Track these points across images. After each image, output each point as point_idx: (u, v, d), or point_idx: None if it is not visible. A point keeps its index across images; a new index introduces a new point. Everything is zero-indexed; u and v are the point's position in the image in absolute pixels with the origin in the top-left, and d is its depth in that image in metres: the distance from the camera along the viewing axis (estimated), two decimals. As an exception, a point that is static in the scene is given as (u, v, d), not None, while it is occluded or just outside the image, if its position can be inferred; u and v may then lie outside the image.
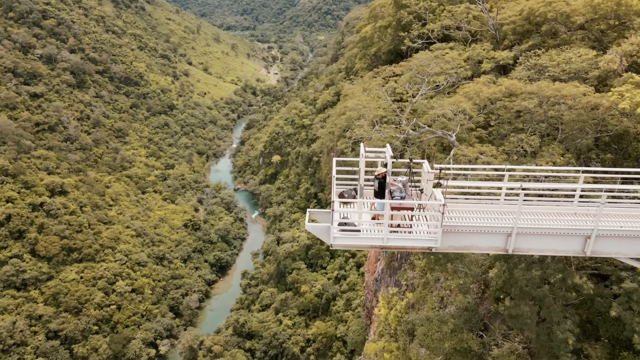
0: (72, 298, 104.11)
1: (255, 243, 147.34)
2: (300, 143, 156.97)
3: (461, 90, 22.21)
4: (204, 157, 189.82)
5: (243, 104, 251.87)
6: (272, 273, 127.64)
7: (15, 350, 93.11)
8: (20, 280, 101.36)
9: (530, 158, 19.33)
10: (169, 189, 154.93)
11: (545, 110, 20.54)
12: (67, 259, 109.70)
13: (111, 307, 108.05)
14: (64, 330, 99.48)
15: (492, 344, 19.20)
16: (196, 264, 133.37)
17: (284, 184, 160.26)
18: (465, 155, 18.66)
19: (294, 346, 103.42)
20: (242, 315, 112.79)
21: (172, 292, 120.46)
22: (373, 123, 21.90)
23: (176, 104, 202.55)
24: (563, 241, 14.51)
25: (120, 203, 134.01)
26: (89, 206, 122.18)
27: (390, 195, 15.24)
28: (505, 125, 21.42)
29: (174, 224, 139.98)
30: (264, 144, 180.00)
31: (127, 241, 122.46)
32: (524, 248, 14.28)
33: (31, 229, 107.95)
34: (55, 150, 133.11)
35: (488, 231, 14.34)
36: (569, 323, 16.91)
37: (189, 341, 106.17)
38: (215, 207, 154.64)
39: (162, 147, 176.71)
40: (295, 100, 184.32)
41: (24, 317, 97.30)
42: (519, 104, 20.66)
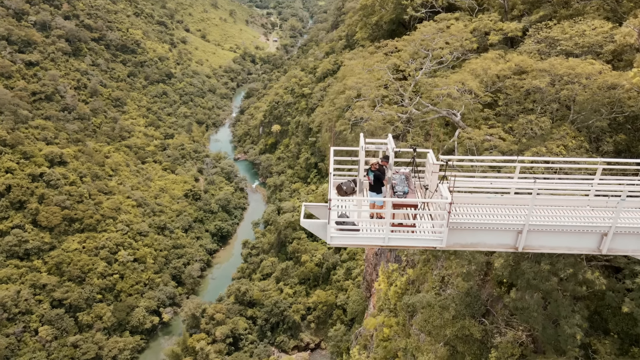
0: (75, 267, 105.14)
1: (256, 213, 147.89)
2: (300, 112, 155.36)
3: (467, 65, 21.12)
4: (203, 127, 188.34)
5: (242, 72, 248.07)
6: (272, 242, 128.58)
7: (21, 319, 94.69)
8: (23, 250, 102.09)
9: (540, 140, 18.27)
10: (169, 159, 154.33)
11: (558, 89, 19.35)
12: (69, 229, 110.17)
13: (114, 276, 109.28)
14: (68, 298, 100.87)
15: (494, 331, 18.93)
16: (197, 233, 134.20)
17: (284, 153, 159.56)
18: (471, 138, 17.92)
19: (294, 314, 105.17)
20: (244, 284, 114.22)
21: (174, 262, 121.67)
22: (374, 103, 20.89)
23: (174, 72, 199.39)
24: (577, 238, 13.69)
25: (120, 173, 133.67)
26: (89, 176, 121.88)
27: (392, 190, 14.29)
28: (514, 105, 20.25)
29: (175, 194, 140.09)
30: (263, 114, 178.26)
31: (128, 211, 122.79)
32: (535, 245, 13.51)
33: (32, 200, 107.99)
34: (53, 120, 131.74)
35: (497, 228, 13.50)
36: (578, 317, 16.34)
37: (192, 309, 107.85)
38: (216, 177, 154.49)
39: (161, 117, 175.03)
40: (295, 69, 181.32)
41: (28, 286, 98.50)
42: (530, 82, 19.46)
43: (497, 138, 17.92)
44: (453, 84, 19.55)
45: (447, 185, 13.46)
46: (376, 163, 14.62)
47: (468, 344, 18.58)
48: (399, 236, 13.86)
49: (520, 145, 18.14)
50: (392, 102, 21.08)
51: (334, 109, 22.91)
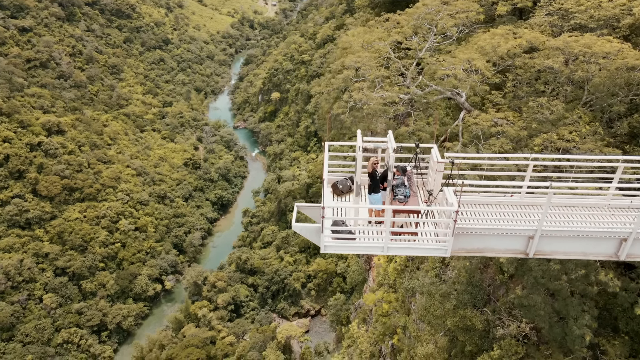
0: (77, 236, 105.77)
1: (256, 181, 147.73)
2: (300, 79, 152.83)
3: (475, 40, 19.95)
4: (202, 94, 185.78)
5: (240, 38, 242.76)
6: (273, 211, 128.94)
7: (25, 287, 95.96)
8: (24, 220, 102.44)
9: (551, 125, 17.15)
10: (168, 128, 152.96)
11: (572, 70, 17.99)
12: (69, 198, 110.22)
13: (116, 245, 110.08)
14: (71, 267, 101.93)
15: (496, 322, 18.21)
16: (197, 202, 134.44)
17: (284, 121, 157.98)
18: (477, 123, 16.84)
19: (295, 282, 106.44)
20: (244, 253, 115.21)
21: (175, 230, 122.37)
22: (374, 84, 19.75)
23: (171, 38, 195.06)
24: (594, 244, 12.73)
25: (119, 142, 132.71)
26: (88, 145, 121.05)
27: (392, 193, 13.10)
28: (524, 86, 19.01)
29: (174, 163, 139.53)
30: (262, 81, 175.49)
31: (128, 180, 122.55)
32: (546, 251, 12.57)
33: (31, 169, 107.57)
34: (49, 87, 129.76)
35: (506, 233, 12.54)
36: (587, 318, 15.48)
37: (193, 277, 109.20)
38: (215, 146, 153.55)
39: (159, 84, 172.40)
40: (295, 35, 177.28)
41: (31, 255, 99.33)
42: (542, 62, 18.10)
43: (506, 122, 17.01)
44: (459, 63, 18.45)
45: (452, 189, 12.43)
46: (376, 161, 13.64)
47: (469, 334, 18.31)
48: (399, 245, 12.94)
49: (530, 130, 17.10)
50: (393, 83, 19.90)
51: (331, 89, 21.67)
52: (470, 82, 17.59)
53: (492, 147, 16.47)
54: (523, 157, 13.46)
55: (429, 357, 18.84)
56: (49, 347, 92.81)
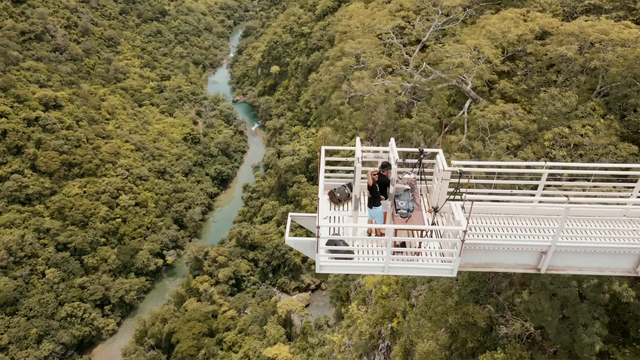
0: (78, 212, 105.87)
1: (256, 156, 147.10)
2: (300, 53, 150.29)
3: (482, 22, 18.93)
4: (200, 68, 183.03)
5: (239, 9, 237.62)
6: (273, 186, 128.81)
7: (27, 262, 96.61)
8: (24, 196, 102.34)
9: (563, 119, 16.12)
10: (166, 102, 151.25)
11: (587, 59, 16.75)
12: (69, 174, 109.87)
13: (116, 221, 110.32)
14: (73, 242, 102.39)
15: (500, 320, 17.61)
16: (197, 177, 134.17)
17: (284, 95, 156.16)
18: (484, 116, 15.70)
19: (295, 257, 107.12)
20: (245, 228, 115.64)
21: (175, 205, 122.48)
22: (375, 72, 18.76)
23: (168, 9, 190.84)
24: (611, 259, 11.93)
25: (117, 117, 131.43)
26: (86, 120, 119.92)
27: (394, 206, 12.13)
28: (535, 75, 17.75)
29: (173, 138, 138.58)
30: (262, 54, 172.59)
31: (127, 155, 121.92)
32: (560, 266, 11.85)
33: (29, 145, 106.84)
34: (45, 61, 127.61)
35: (517, 249, 11.78)
36: (598, 325, 14.83)
37: (194, 252, 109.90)
38: (215, 120, 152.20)
39: (157, 57, 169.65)
40: (294, 6, 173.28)
41: (32, 230, 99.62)
42: (555, 49, 16.83)
43: (515, 115, 15.85)
44: (466, 50, 17.46)
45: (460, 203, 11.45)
46: (375, 172, 12.54)
47: (471, 331, 18.06)
48: (401, 265, 12.02)
49: (540, 123, 16.12)
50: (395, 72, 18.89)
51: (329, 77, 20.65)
52: (477, 71, 16.78)
53: (500, 141, 15.53)
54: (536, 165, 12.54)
55: (430, 354, 18.75)
56: (53, 321, 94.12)
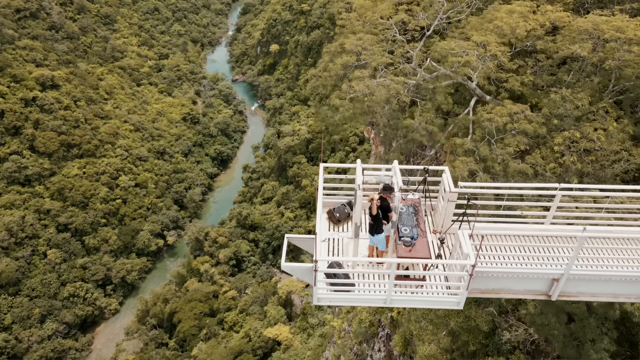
0: (78, 193, 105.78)
1: (256, 136, 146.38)
2: (299, 31, 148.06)
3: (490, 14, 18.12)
4: (198, 46, 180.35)
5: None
6: (273, 167, 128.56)
7: (29, 243, 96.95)
8: (24, 177, 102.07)
9: (574, 122, 15.56)
10: (165, 81, 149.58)
11: (601, 58, 15.88)
12: (68, 155, 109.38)
13: (117, 201, 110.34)
14: (73, 223, 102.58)
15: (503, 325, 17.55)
16: (197, 157, 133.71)
17: (283, 74, 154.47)
18: (491, 119, 15.11)
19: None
20: (245, 208, 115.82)
21: (175, 186, 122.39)
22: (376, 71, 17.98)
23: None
24: (627, 286, 11.31)
25: (116, 96, 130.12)
26: (83, 100, 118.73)
27: (397, 233, 11.32)
28: (545, 75, 17.11)
29: (173, 118, 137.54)
30: (261, 32, 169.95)
31: (126, 136, 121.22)
32: (572, 292, 11.44)
33: (27, 125, 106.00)
34: (41, 39, 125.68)
35: (527, 276, 11.23)
36: (606, 341, 14.46)
37: (195, 233, 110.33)
38: (214, 100, 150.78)
39: (154, 35, 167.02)
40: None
41: (32, 211, 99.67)
42: (567, 47, 15.99)
43: (523, 118, 15.26)
44: (472, 47, 16.79)
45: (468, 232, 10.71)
46: (378, 199, 11.77)
47: (473, 334, 17.95)
48: (404, 297, 11.43)
49: (550, 126, 15.60)
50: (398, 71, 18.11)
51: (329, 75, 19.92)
52: (485, 70, 16.17)
53: (506, 146, 15.10)
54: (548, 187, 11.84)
55: (431, 357, 18.70)
56: (56, 301, 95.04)
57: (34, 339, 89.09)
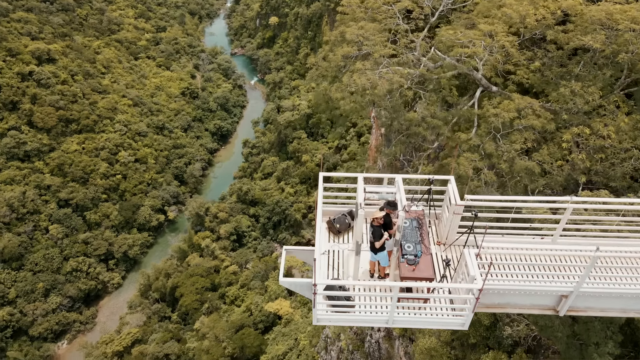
0: (77, 168, 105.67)
1: (255, 111, 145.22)
2: (299, 3, 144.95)
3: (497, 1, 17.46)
4: (196, 18, 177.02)
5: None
6: (273, 142, 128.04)
7: (30, 218, 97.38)
8: (23, 152, 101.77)
9: (584, 117, 15.05)
10: (163, 55, 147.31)
11: (614, 50, 15.11)
12: (66, 130, 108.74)
13: (117, 177, 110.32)
14: (74, 199, 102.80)
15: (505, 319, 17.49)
16: (197, 132, 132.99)
17: (283, 48, 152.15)
18: (497, 115, 14.61)
19: (296, 213, 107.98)
20: (245, 184, 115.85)
21: (175, 162, 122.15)
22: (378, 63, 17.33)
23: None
24: (638, 302, 10.97)
25: (113, 71, 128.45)
26: (81, 74, 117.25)
27: (400, 250, 10.82)
28: (554, 66, 16.28)
29: (171, 92, 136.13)
30: (260, 4, 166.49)
31: (125, 111, 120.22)
32: (580, 307, 11.14)
33: (24, 100, 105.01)
34: (35, 12, 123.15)
35: (535, 293, 10.89)
36: (611, 345, 14.35)
37: (195, 208, 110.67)
38: (213, 74, 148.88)
39: (151, 7, 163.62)
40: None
41: (33, 187, 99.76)
42: (579, 38, 15.23)
43: (532, 113, 14.72)
44: (479, 37, 16.17)
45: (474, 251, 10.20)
46: (380, 217, 11.21)
47: (474, 327, 17.93)
48: (407, 318, 11.02)
49: (558, 121, 15.10)
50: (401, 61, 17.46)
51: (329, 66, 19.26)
52: (492, 62, 15.65)
53: (513, 143, 14.70)
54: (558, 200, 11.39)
55: (431, 351, 18.93)
56: (59, 275, 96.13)
57: (38, 312, 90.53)
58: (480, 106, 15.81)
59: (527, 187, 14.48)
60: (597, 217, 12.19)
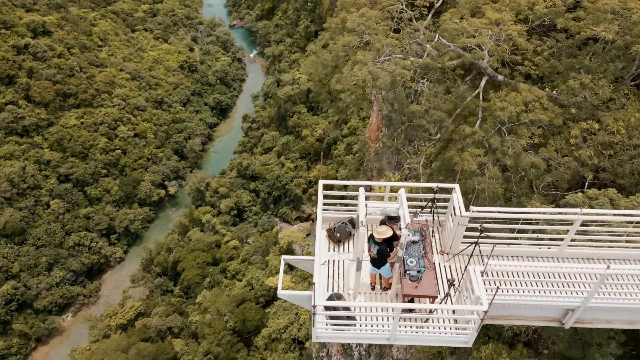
0: (77, 143, 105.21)
1: (255, 84, 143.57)
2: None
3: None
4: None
5: None
6: (272, 116, 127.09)
7: (31, 194, 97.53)
8: (21, 127, 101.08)
9: (593, 111, 14.51)
10: (160, 27, 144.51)
11: (627, 42, 14.44)
12: (64, 104, 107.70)
13: (116, 152, 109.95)
14: (74, 174, 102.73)
15: None
16: (196, 107, 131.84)
17: (282, 20, 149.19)
18: (504, 108, 14.03)
19: (296, 188, 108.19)
20: (245, 159, 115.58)
21: (175, 136, 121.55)
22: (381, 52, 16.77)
23: None
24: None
25: (110, 43, 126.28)
26: (77, 47, 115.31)
27: (402, 266, 10.47)
28: (564, 57, 15.67)
29: (170, 66, 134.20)
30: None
31: (123, 85, 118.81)
32: (587, 319, 10.96)
33: (21, 74, 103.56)
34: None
35: (541, 306, 10.68)
36: (613, 346, 14.26)
37: (196, 183, 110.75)
38: (211, 47, 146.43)
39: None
40: None
41: (32, 162, 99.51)
42: (591, 28, 14.50)
43: (539, 106, 14.15)
44: (486, 25, 15.54)
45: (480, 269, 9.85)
46: (385, 236, 10.74)
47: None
48: (409, 336, 10.76)
49: (567, 114, 14.58)
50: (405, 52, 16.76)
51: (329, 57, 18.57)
52: (499, 53, 15.09)
53: (519, 138, 14.22)
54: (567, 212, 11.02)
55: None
56: (62, 250, 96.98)
57: (42, 286, 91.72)
58: (486, 98, 15.42)
59: (532, 182, 14.27)
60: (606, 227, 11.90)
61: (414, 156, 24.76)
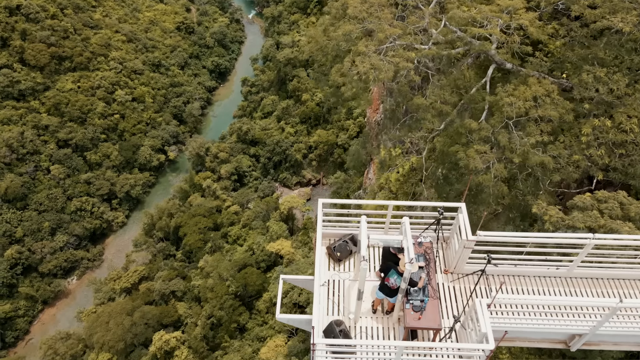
0: (74, 108, 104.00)
1: (254, 46, 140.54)
2: None
3: None
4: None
5: None
6: (272, 80, 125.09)
7: (30, 159, 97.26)
8: (17, 91, 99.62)
9: (607, 108, 13.76)
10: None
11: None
12: (60, 68, 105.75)
13: (115, 117, 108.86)
14: (73, 139, 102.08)
15: None
16: (194, 70, 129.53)
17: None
18: (511, 104, 13.39)
19: (296, 153, 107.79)
20: (245, 123, 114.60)
21: (174, 100, 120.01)
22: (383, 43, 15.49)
23: None
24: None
25: (104, 3, 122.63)
26: (70, 8, 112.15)
27: (405, 297, 10.18)
28: (577, 47, 14.88)
29: (166, 27, 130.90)
30: None
31: (119, 47, 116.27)
32: (593, 341, 10.87)
33: (14, 36, 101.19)
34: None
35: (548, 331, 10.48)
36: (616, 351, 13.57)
37: (195, 148, 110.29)
38: (209, 7, 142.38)
39: None
40: None
41: (30, 127, 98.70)
42: (608, 19, 13.66)
43: (549, 102, 13.46)
44: (496, 13, 14.53)
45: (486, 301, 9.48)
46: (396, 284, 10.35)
47: None
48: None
49: (579, 109, 14.04)
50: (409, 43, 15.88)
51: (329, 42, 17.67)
52: (510, 44, 14.33)
53: (529, 135, 13.57)
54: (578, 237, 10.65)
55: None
56: (64, 215, 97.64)
57: (46, 251, 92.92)
58: (494, 90, 14.86)
59: (539, 180, 13.95)
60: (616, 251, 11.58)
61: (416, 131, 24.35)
